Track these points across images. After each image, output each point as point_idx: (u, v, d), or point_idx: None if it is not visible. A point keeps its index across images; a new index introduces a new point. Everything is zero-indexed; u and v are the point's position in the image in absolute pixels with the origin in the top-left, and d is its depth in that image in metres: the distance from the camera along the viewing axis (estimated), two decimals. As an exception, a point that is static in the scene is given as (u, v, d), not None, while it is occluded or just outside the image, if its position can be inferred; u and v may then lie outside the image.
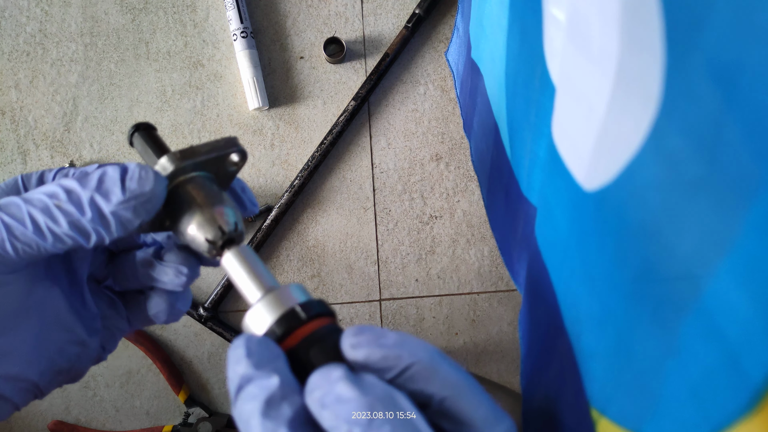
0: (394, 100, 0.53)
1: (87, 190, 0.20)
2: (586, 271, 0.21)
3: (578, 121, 0.20)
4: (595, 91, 0.18)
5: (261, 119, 0.52)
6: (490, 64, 0.35)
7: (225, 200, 0.23)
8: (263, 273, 0.22)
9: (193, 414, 0.53)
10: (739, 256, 0.12)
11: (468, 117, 0.47)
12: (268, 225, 0.51)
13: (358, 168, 0.53)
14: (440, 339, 0.54)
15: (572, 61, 0.20)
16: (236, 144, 0.24)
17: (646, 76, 0.15)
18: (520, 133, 0.30)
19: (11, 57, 0.50)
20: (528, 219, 0.31)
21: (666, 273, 0.15)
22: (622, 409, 0.19)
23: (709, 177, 0.13)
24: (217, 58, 0.51)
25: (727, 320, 0.13)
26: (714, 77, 0.12)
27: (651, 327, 0.17)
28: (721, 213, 0.13)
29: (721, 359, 0.13)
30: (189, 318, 0.52)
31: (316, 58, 0.52)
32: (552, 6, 0.21)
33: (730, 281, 0.13)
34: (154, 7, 0.51)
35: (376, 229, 0.53)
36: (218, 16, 0.51)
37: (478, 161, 0.47)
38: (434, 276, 0.53)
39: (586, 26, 0.18)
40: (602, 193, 0.19)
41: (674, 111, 0.14)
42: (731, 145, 0.12)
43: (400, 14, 0.52)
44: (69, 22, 0.51)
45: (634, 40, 0.15)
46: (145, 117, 0.51)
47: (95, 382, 0.53)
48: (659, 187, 0.15)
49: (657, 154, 0.15)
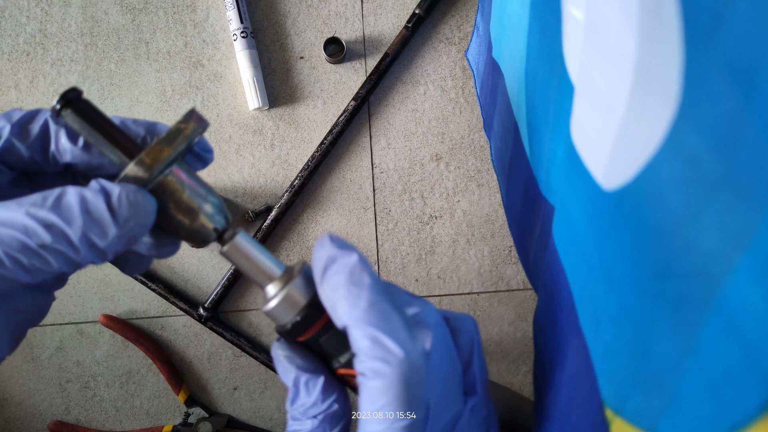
0: (394, 100, 0.53)
1: (74, 227, 0.17)
2: (603, 269, 0.21)
3: (597, 120, 0.20)
4: (614, 90, 0.18)
5: (261, 119, 0.52)
6: (511, 63, 0.35)
7: (207, 185, 0.22)
8: (268, 255, 0.22)
9: (193, 414, 0.53)
10: (758, 253, 0.12)
11: (488, 116, 0.47)
12: (268, 225, 0.51)
13: (358, 168, 0.53)
14: (440, 339, 0.54)
15: (591, 61, 0.20)
16: (198, 120, 0.21)
17: (665, 75, 0.15)
18: (539, 133, 0.30)
19: (11, 57, 0.50)
20: (546, 218, 0.31)
21: (685, 270, 0.16)
22: (638, 408, 0.19)
23: (728, 175, 0.13)
24: (217, 58, 0.51)
25: (747, 317, 0.13)
26: (733, 76, 0.12)
27: (669, 324, 0.17)
28: (740, 210, 0.13)
29: (740, 357, 0.13)
30: (189, 318, 0.52)
31: (316, 58, 0.52)
32: (571, 5, 0.21)
33: (749, 278, 0.13)
34: (154, 7, 0.51)
35: (376, 229, 0.53)
36: (218, 16, 0.51)
37: (497, 160, 0.47)
38: (434, 276, 0.53)
39: (604, 25, 0.18)
40: (621, 192, 0.19)
41: (693, 110, 0.14)
42: (750, 144, 0.12)
43: (400, 14, 0.52)
44: (69, 22, 0.51)
45: (653, 39, 0.15)
46: (145, 117, 0.51)
47: (95, 383, 0.53)
48: (678, 186, 0.15)
49: (676, 153, 0.15)
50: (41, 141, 0.21)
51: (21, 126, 0.21)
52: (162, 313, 0.52)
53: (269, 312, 0.22)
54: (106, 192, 0.18)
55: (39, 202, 0.17)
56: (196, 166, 0.24)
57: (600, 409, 0.22)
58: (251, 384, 0.53)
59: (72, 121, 0.20)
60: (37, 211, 0.17)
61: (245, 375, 0.53)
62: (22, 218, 0.17)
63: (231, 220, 0.22)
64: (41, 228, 0.17)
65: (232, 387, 0.54)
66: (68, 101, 0.20)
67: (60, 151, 0.21)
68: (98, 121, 0.20)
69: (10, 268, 0.17)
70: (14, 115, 0.21)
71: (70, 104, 0.20)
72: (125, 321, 0.52)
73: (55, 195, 0.18)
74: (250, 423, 0.54)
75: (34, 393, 0.53)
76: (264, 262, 0.22)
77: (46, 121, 0.21)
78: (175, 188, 0.20)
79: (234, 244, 0.21)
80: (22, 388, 0.53)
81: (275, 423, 0.54)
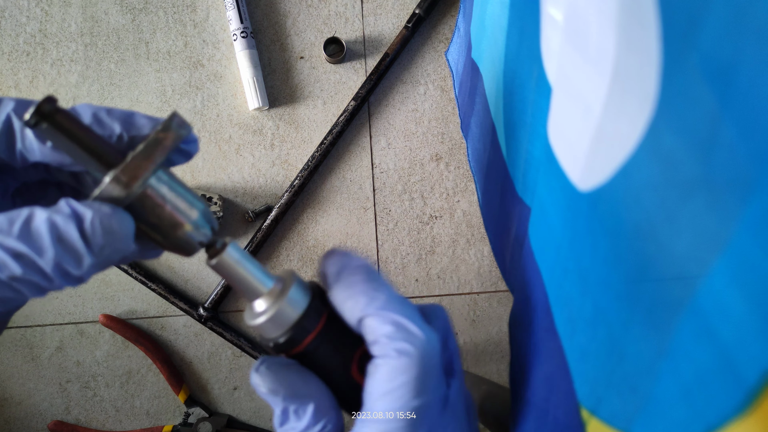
0: (394, 100, 0.53)
1: (46, 258, 0.16)
2: (579, 271, 0.21)
3: (574, 121, 0.20)
4: (592, 90, 0.18)
5: (261, 119, 0.52)
6: (490, 64, 0.35)
7: (192, 193, 0.20)
8: (259, 268, 0.21)
9: (193, 414, 0.53)
10: (734, 256, 0.12)
11: (466, 117, 0.47)
12: (268, 225, 0.51)
13: (358, 168, 0.53)
14: (440, 339, 0.54)
15: (569, 61, 0.20)
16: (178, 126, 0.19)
17: (643, 75, 0.15)
18: (517, 134, 0.30)
19: (11, 57, 0.50)
20: (522, 219, 0.31)
21: (660, 273, 0.15)
22: (613, 409, 0.19)
23: (704, 177, 0.13)
24: (217, 58, 0.51)
25: (721, 321, 0.13)
26: (710, 77, 0.12)
27: (644, 327, 0.17)
28: (717, 213, 0.13)
29: (714, 360, 0.13)
30: (189, 318, 0.52)
31: (316, 58, 0.52)
32: (550, 6, 0.21)
33: (724, 281, 0.13)
34: (154, 7, 0.51)
35: (376, 229, 0.53)
36: (218, 16, 0.51)
37: (474, 161, 0.47)
38: (434, 276, 0.53)
39: (583, 26, 0.18)
40: (597, 193, 0.19)
41: (670, 111, 0.14)
42: (727, 145, 0.12)
43: (400, 14, 0.52)
44: (69, 22, 0.51)
45: (631, 39, 0.15)
46: (145, 117, 0.51)
47: (95, 383, 0.53)
48: (655, 187, 0.15)
49: (653, 154, 0.15)
50: (5, 139, 0.19)
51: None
52: (162, 313, 0.52)
53: (259, 327, 0.21)
54: (78, 216, 0.16)
55: (5, 227, 0.16)
56: (179, 159, 0.22)
57: (576, 410, 0.22)
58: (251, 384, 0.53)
59: (47, 134, 0.18)
60: (4, 240, 0.16)
61: (245, 375, 0.53)
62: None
63: (217, 229, 0.21)
64: (10, 259, 0.16)
65: (232, 387, 0.54)
66: (43, 115, 0.18)
67: (27, 150, 0.19)
68: (75, 132, 0.18)
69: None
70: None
71: (46, 118, 0.18)
72: (125, 321, 0.52)
73: (22, 220, 0.16)
74: (250, 423, 0.54)
75: (34, 393, 0.53)
76: (254, 277, 0.20)
77: (8, 117, 0.19)
78: (155, 203, 0.19)
79: (222, 258, 0.20)
80: (22, 388, 0.53)
81: (275, 423, 0.54)
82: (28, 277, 0.16)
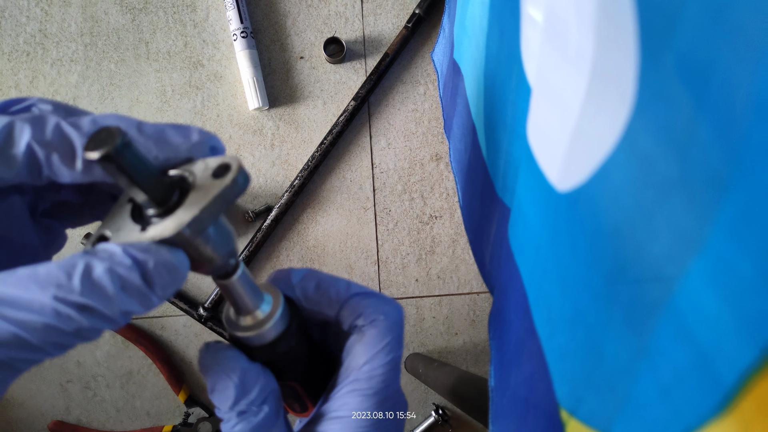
0: (394, 100, 0.53)
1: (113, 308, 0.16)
2: (558, 272, 0.21)
3: (553, 121, 0.20)
4: (571, 91, 0.18)
5: (261, 119, 0.52)
6: (471, 65, 0.35)
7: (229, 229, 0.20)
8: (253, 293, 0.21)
9: (193, 414, 0.53)
10: (710, 257, 0.12)
11: (449, 118, 0.47)
12: (268, 225, 0.51)
13: (358, 168, 0.53)
14: (440, 339, 0.54)
15: (548, 62, 0.20)
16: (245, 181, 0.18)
17: (621, 75, 0.15)
18: (496, 135, 0.30)
19: (11, 57, 0.50)
20: (501, 220, 0.31)
21: (638, 274, 0.15)
22: (592, 409, 0.19)
23: (681, 177, 0.13)
24: (217, 58, 0.51)
25: (699, 321, 0.13)
26: (686, 77, 0.12)
27: (622, 328, 0.17)
28: (693, 214, 0.13)
29: (692, 360, 0.13)
30: (189, 318, 0.52)
31: (316, 58, 0.52)
32: (530, 6, 0.21)
33: (701, 282, 0.13)
34: (154, 7, 0.51)
35: (376, 229, 0.53)
36: (218, 16, 0.51)
37: (456, 162, 0.47)
38: (434, 276, 0.53)
39: (562, 26, 0.18)
40: (575, 194, 0.19)
41: (647, 111, 0.14)
42: (702, 146, 0.12)
43: (400, 14, 0.52)
44: (69, 22, 0.51)
45: (609, 39, 0.15)
46: (145, 117, 0.51)
47: (96, 383, 0.53)
48: (632, 188, 0.15)
49: (630, 155, 0.15)
50: (28, 167, 0.18)
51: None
52: (162, 313, 0.52)
53: (240, 338, 0.21)
54: (140, 265, 0.16)
55: (64, 281, 0.15)
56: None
57: (556, 411, 0.22)
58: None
59: (107, 170, 0.17)
60: (68, 295, 0.15)
61: (245, 375, 0.53)
62: (51, 303, 0.15)
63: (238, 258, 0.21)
64: (76, 313, 0.16)
65: (233, 387, 0.54)
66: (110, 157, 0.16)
67: (55, 173, 0.18)
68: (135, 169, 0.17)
69: (44, 350, 0.16)
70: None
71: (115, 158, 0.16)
72: (125, 321, 0.52)
73: (80, 272, 0.16)
74: (250, 423, 0.54)
75: (35, 394, 0.53)
76: (249, 298, 0.21)
77: (29, 147, 0.18)
78: (200, 243, 0.18)
79: (231, 281, 0.20)
80: (23, 389, 0.53)
81: (275, 423, 0.54)
82: (95, 326, 0.16)
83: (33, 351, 0.16)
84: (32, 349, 0.16)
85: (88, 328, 0.16)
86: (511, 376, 0.28)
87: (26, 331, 0.15)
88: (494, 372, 0.33)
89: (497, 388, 0.32)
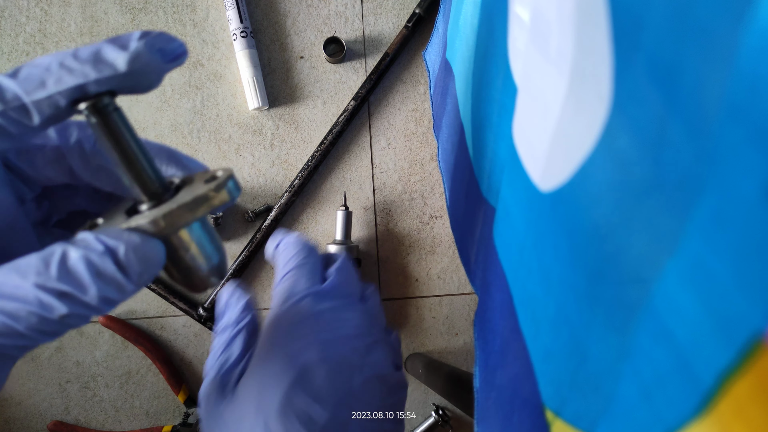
0: (394, 100, 0.53)
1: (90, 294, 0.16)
2: (542, 272, 0.21)
3: (536, 121, 0.20)
4: (552, 91, 0.18)
5: (261, 119, 0.52)
6: (461, 64, 0.35)
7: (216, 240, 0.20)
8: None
9: (193, 414, 0.53)
10: (686, 259, 0.12)
11: (438, 117, 0.47)
12: (267, 225, 0.51)
13: (358, 168, 0.53)
14: (440, 339, 0.54)
15: (533, 61, 0.20)
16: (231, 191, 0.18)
17: (598, 75, 0.15)
18: (483, 134, 0.30)
19: (11, 57, 0.50)
20: (486, 220, 0.31)
21: (619, 275, 0.15)
22: (577, 410, 0.19)
23: (656, 179, 0.13)
24: (216, 58, 0.51)
25: (677, 323, 0.13)
26: (656, 78, 0.12)
27: (605, 328, 0.17)
28: (669, 215, 0.13)
29: (672, 362, 0.13)
30: (188, 318, 0.52)
31: (316, 58, 0.52)
32: (517, 5, 0.21)
33: (677, 283, 0.13)
34: (154, 7, 0.51)
35: (376, 229, 0.53)
36: (218, 16, 0.51)
37: (443, 161, 0.47)
38: (434, 276, 0.53)
39: (546, 26, 0.18)
40: (557, 194, 0.19)
41: (624, 112, 0.14)
42: (675, 147, 0.12)
43: (400, 14, 0.52)
44: (68, 21, 0.51)
45: (587, 39, 0.15)
46: (144, 116, 0.51)
47: (95, 383, 0.53)
48: (611, 189, 0.15)
49: (609, 156, 0.15)
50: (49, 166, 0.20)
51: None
52: (162, 313, 0.52)
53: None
54: (111, 251, 0.17)
55: (42, 269, 0.16)
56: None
57: (541, 411, 0.22)
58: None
59: (96, 131, 0.17)
60: (47, 282, 0.16)
61: (245, 375, 0.53)
62: (34, 291, 0.16)
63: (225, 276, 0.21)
64: (56, 300, 0.16)
65: (232, 387, 0.54)
66: (98, 109, 0.17)
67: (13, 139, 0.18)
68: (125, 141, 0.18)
69: (32, 338, 0.17)
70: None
71: (100, 112, 0.17)
72: (125, 321, 0.52)
73: (57, 260, 0.16)
74: (249, 423, 0.54)
75: (33, 393, 0.53)
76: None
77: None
78: (178, 248, 0.19)
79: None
80: (22, 388, 0.53)
81: (275, 423, 0.54)
82: (76, 312, 0.17)
83: (22, 338, 0.16)
84: (21, 337, 0.16)
85: (70, 314, 0.16)
86: (497, 376, 0.28)
87: (13, 319, 0.16)
88: (479, 372, 0.33)
89: (482, 388, 0.32)
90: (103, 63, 0.17)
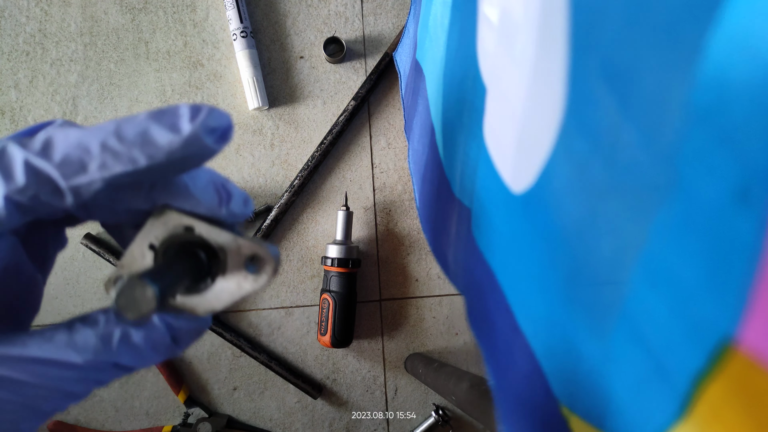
0: (394, 100, 0.53)
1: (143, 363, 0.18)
2: (526, 272, 0.21)
3: (504, 122, 0.20)
4: (515, 91, 0.18)
5: (261, 119, 0.52)
6: (432, 65, 0.35)
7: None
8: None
9: (193, 414, 0.53)
10: (650, 261, 0.12)
11: (409, 118, 0.47)
12: (268, 225, 0.51)
13: (358, 168, 0.53)
14: (440, 339, 0.54)
15: (500, 62, 0.20)
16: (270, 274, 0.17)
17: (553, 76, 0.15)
18: (454, 135, 0.30)
19: (11, 57, 0.50)
20: (462, 220, 0.31)
21: (593, 277, 0.15)
22: (585, 407, 0.19)
23: (613, 182, 0.13)
24: (216, 58, 0.51)
25: (649, 326, 0.13)
26: (610, 81, 0.12)
27: (588, 330, 0.16)
28: (630, 218, 0.12)
29: (649, 365, 0.13)
30: (189, 318, 0.52)
31: (316, 58, 0.52)
32: (486, 5, 0.21)
33: (645, 286, 0.12)
34: (154, 7, 0.51)
35: (376, 229, 0.53)
36: (218, 16, 0.51)
37: (413, 163, 0.47)
38: (434, 276, 0.53)
39: (512, 26, 0.18)
40: (527, 195, 0.19)
41: (577, 114, 0.14)
42: (630, 150, 0.12)
43: (400, 14, 0.52)
44: (69, 21, 0.51)
45: (547, 39, 0.15)
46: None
47: (95, 383, 0.53)
48: (572, 191, 0.15)
49: (567, 158, 0.15)
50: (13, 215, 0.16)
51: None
52: (162, 313, 0.52)
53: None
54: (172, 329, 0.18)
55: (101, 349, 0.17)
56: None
57: (556, 406, 0.22)
58: (251, 384, 0.53)
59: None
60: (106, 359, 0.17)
61: (245, 375, 0.53)
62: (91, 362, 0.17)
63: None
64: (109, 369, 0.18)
65: (232, 387, 0.53)
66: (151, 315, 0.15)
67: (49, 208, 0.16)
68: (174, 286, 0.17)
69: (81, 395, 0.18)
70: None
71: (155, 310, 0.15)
72: (125, 321, 0.52)
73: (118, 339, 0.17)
74: (249, 423, 0.54)
75: (33, 393, 0.53)
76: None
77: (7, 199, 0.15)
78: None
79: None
80: (21, 389, 0.53)
81: (275, 423, 0.54)
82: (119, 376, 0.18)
83: (74, 398, 0.18)
84: (74, 397, 0.18)
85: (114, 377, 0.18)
86: (509, 374, 0.28)
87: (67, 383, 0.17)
88: (491, 371, 0.33)
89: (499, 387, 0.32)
90: (153, 147, 0.14)
